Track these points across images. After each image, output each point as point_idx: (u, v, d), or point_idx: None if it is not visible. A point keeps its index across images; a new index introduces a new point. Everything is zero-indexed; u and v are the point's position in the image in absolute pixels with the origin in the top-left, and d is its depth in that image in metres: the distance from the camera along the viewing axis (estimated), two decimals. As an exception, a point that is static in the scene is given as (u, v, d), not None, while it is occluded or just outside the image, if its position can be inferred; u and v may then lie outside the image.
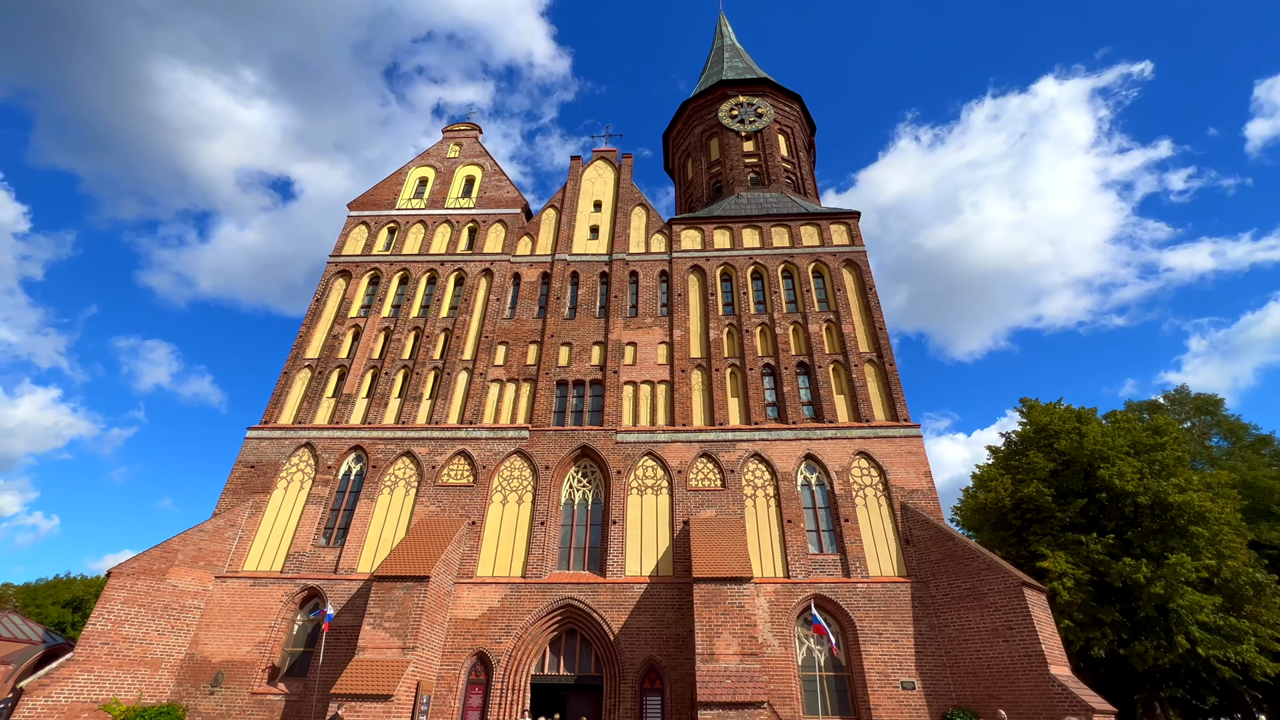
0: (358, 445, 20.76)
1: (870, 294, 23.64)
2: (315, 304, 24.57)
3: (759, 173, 29.82)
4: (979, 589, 16.05)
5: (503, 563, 18.32)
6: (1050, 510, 19.95)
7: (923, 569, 17.43)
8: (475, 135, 31.12)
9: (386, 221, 27.45)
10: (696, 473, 19.72)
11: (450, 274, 25.50)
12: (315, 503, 19.58)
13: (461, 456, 20.44)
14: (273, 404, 21.78)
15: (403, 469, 20.32)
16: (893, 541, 18.16)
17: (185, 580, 17.46)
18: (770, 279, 24.49)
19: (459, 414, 21.57)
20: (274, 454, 20.57)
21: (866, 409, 20.73)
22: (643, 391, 21.89)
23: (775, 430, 20.40)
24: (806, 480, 19.63)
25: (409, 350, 23.45)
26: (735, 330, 23.30)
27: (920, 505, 18.60)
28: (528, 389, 22.14)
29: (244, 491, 19.78)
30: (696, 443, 20.26)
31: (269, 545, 18.89)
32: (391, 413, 21.76)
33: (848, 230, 25.88)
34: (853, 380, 21.40)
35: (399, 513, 19.38)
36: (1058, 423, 21.75)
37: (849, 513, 18.68)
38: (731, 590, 15.19)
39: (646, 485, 19.62)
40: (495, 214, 27.42)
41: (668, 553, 18.16)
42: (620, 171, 28.74)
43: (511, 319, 24.15)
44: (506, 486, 19.84)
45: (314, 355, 23.27)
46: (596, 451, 20.23)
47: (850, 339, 22.41)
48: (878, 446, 19.87)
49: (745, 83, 32.74)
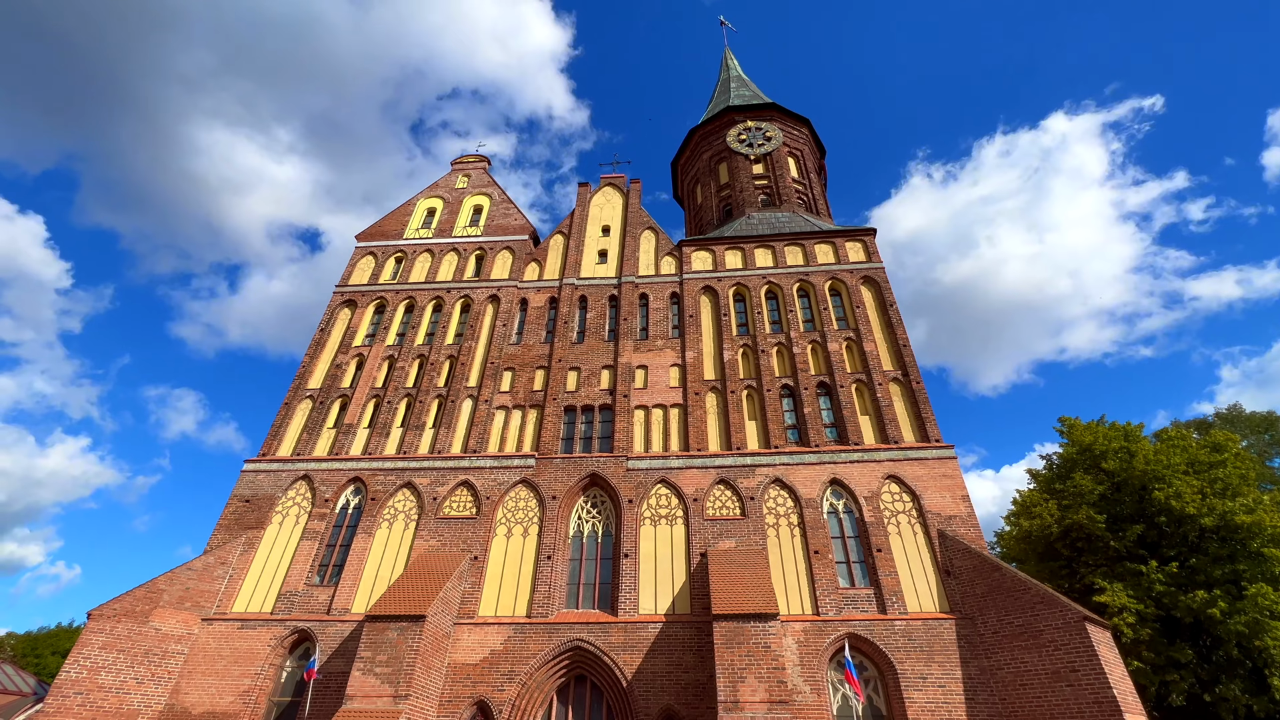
0: (357, 477, 19.80)
1: (891, 310, 22.56)
2: (319, 334, 24.09)
3: (769, 194, 29.29)
4: (1034, 625, 14.34)
5: (506, 601, 16.96)
6: (1103, 538, 18.18)
7: (967, 603, 15.75)
8: (483, 166, 31.18)
9: (394, 251, 27.20)
10: (713, 501, 18.39)
11: (456, 301, 24.97)
12: (310, 538, 18.52)
13: (464, 487, 19.34)
14: (271, 436, 21.02)
15: (403, 501, 19.25)
16: (931, 573, 16.54)
17: (169, 623, 16.34)
18: (785, 298, 23.56)
19: (463, 442, 20.59)
20: (270, 487, 19.67)
21: (894, 430, 19.39)
22: (655, 416, 20.79)
23: (797, 454, 19.08)
24: (833, 507, 18.18)
25: (413, 378, 22.70)
26: (750, 351, 22.26)
27: (959, 532, 17.02)
28: (534, 415, 21.15)
29: (237, 527, 18.81)
30: (713, 468, 19.00)
31: (260, 584, 17.77)
32: (393, 443, 20.85)
33: (864, 247, 25.02)
34: (877, 400, 20.13)
35: (397, 548, 18.22)
36: (1103, 442, 20.14)
37: (881, 542, 17.14)
38: (755, 629, 13.69)
39: (660, 515, 18.31)
40: (503, 241, 27.05)
41: (684, 588, 16.70)
42: (628, 196, 28.38)
43: (518, 344, 23.39)
44: (511, 518, 18.64)
45: (315, 386, 22.61)
46: (606, 480, 19.04)
47: (873, 356, 21.24)
48: (909, 469, 18.44)
49: (752, 108, 32.63)
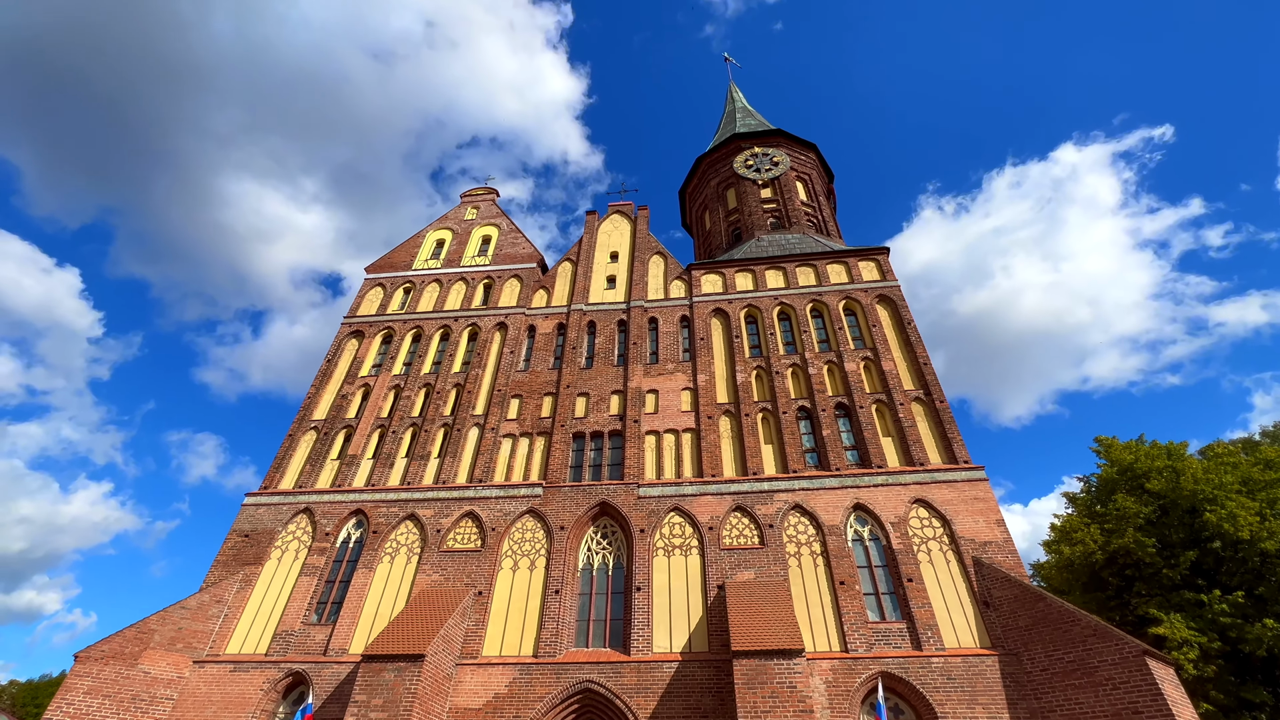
0: (359, 509, 19.12)
1: (910, 328, 21.80)
2: (326, 365, 23.83)
3: (779, 217, 29.02)
4: (1087, 661, 13.03)
5: (512, 639, 15.95)
6: (1155, 564, 16.81)
7: (1010, 638, 14.46)
8: (493, 198, 31.41)
9: (402, 282, 27.16)
10: (730, 529, 17.40)
11: (464, 329, 24.67)
12: (309, 574, 17.76)
13: (469, 518, 18.56)
14: (274, 469, 20.52)
15: (405, 534, 18.49)
16: (969, 604, 15.29)
17: (159, 665, 15.54)
18: (798, 318, 22.92)
19: (468, 472, 19.90)
20: (270, 521, 19.05)
21: (919, 451, 18.39)
22: (666, 441, 20.00)
23: (817, 478, 18.11)
24: (858, 534, 17.08)
25: (418, 408, 22.22)
26: (764, 373, 21.52)
27: (996, 560, 15.82)
28: (542, 443, 20.46)
29: (235, 563, 18.14)
30: (729, 495, 18.06)
31: (256, 623, 16.96)
32: (397, 474, 20.23)
33: (878, 266, 24.45)
34: (900, 420, 19.19)
35: (399, 583, 17.38)
36: (1145, 461, 18.89)
37: (911, 571, 15.96)
38: (779, 667, 12.57)
39: (674, 545, 17.32)
40: (511, 269, 26.92)
41: (701, 623, 15.59)
42: (636, 223, 28.26)
43: (526, 371, 22.90)
44: (517, 551, 17.76)
45: (320, 417, 22.21)
46: (617, 508, 18.16)
47: (892, 376, 20.39)
48: (937, 493, 17.36)
49: (758, 134, 32.75)
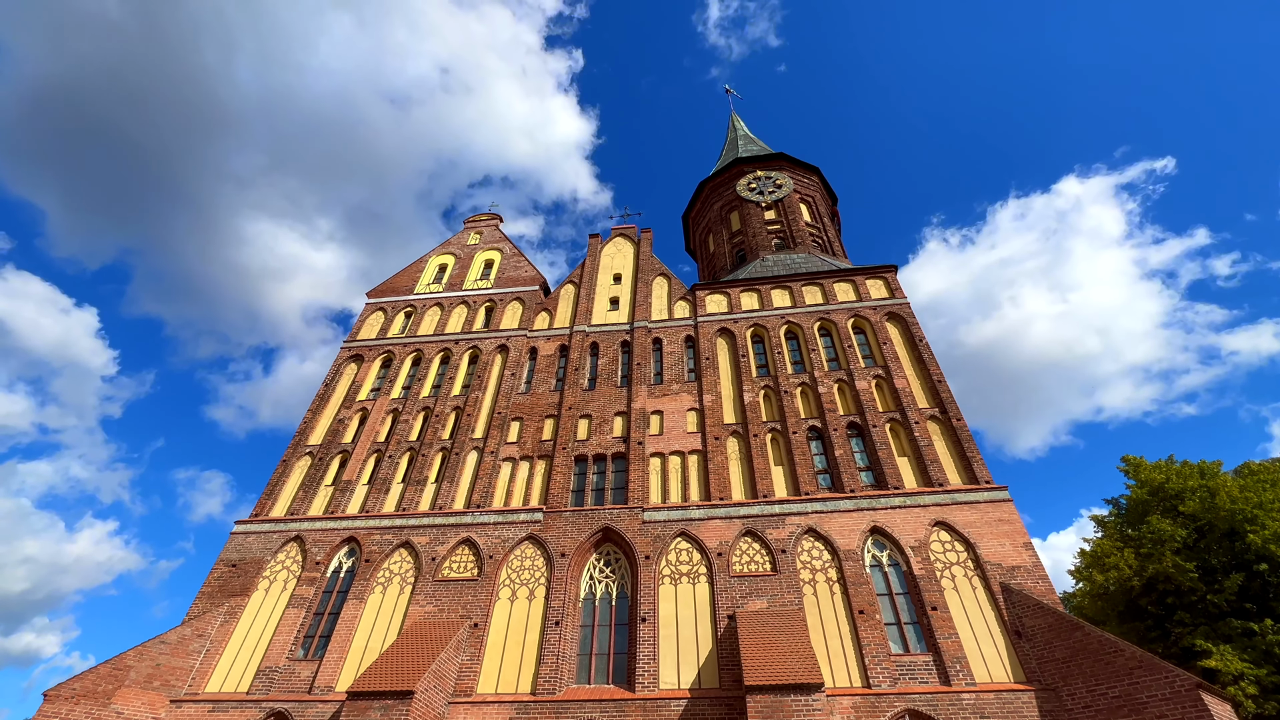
0: (351, 537, 18.32)
1: (921, 346, 21.15)
2: (324, 389, 23.34)
3: (783, 238, 28.76)
4: (1134, 697, 11.92)
5: (509, 675, 14.92)
6: (1197, 590, 15.69)
7: (1046, 671, 13.33)
8: (496, 224, 31.38)
9: (403, 306, 26.89)
10: (740, 555, 16.46)
11: (464, 352, 24.21)
12: (297, 605, 16.87)
13: (466, 545, 17.72)
14: (266, 495, 19.82)
15: (399, 563, 17.63)
16: (999, 635, 14.21)
17: (134, 705, 14.57)
18: (806, 337, 22.34)
19: (466, 497, 19.13)
20: (259, 550, 18.26)
21: (937, 472, 17.52)
22: (672, 463, 19.21)
23: (830, 500, 17.22)
24: (876, 559, 16.09)
25: (416, 431, 21.59)
26: (773, 392, 20.84)
27: (1025, 585, 14.78)
28: (543, 466, 19.72)
29: (220, 595, 17.29)
30: (738, 519, 17.17)
31: (239, 659, 16.01)
32: (392, 500, 19.47)
33: (886, 284, 23.96)
34: (915, 440, 18.37)
35: (390, 615, 16.44)
36: (1177, 480, 17.91)
37: (935, 599, 14.93)
38: (797, 703, 11.55)
39: (681, 573, 16.37)
40: (513, 292, 26.62)
41: (711, 656, 14.54)
42: (640, 245, 28.05)
43: (527, 393, 22.31)
44: (516, 579, 16.84)
45: (316, 442, 21.60)
46: (620, 534, 17.28)
47: (905, 394, 19.65)
48: (959, 515, 16.43)
49: (761, 159, 32.81)
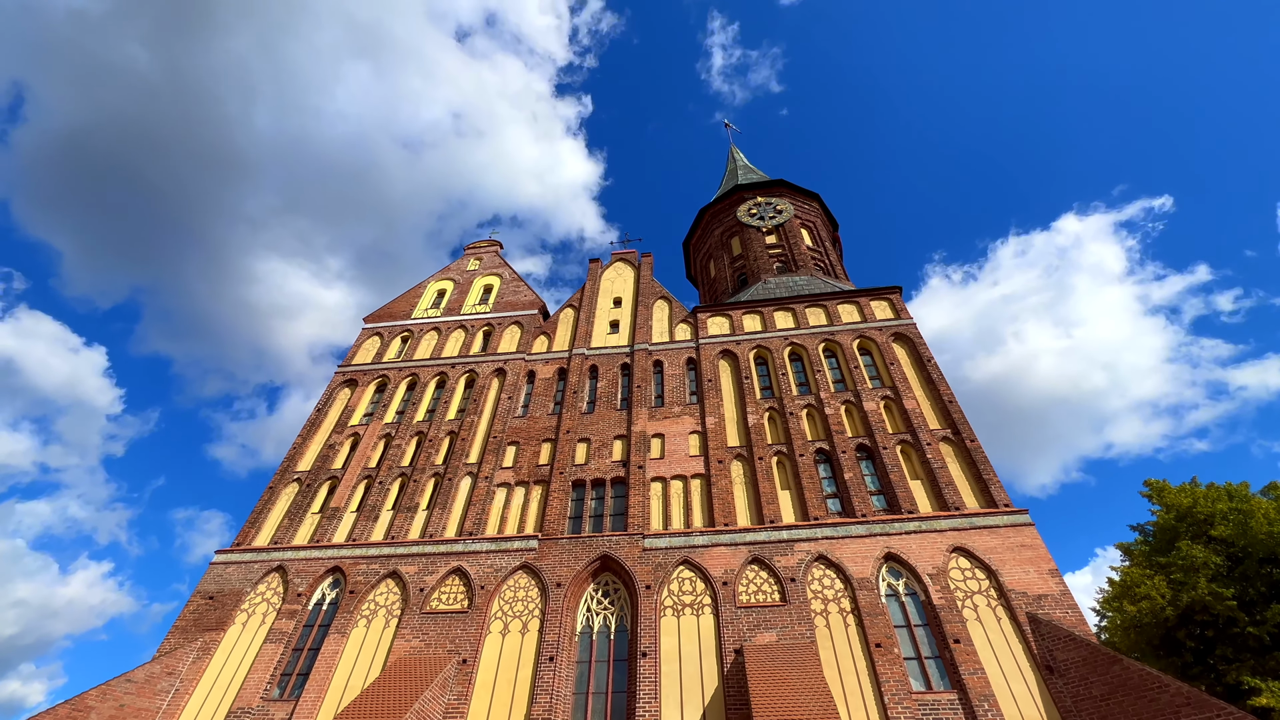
0: (336, 566, 17.38)
1: (930, 366, 20.53)
2: (315, 414, 22.71)
3: (785, 261, 28.49)
4: (1183, 738, 10.82)
5: (499, 716, 13.77)
6: (1239, 622, 14.61)
7: (1083, 710, 12.22)
8: (496, 250, 31.28)
9: (400, 331, 26.48)
10: (747, 584, 15.47)
11: (461, 376, 23.65)
12: (275, 640, 15.83)
13: (456, 575, 16.76)
14: (249, 524, 18.97)
15: (385, 594, 16.65)
16: (1028, 670, 13.12)
17: (92, 750, 13.46)
18: (811, 358, 21.75)
19: (458, 524, 18.25)
20: (239, 581, 17.32)
21: (953, 494, 16.66)
22: (674, 488, 18.37)
23: (841, 525, 16.32)
24: (892, 588, 15.10)
25: (409, 457, 20.83)
26: (778, 414, 20.13)
27: (1055, 616, 13.76)
28: (539, 492, 18.88)
29: (195, 629, 16.28)
30: (743, 545, 16.24)
31: (210, 699, 14.91)
32: (381, 527, 18.59)
33: (890, 305, 23.49)
34: (928, 462, 17.57)
35: (374, 650, 15.39)
36: (1205, 504, 16.99)
37: (958, 631, 13.89)
38: (812, 745, 10.50)
39: (684, 603, 15.37)
40: (511, 316, 26.23)
41: (717, 695, 13.43)
42: (640, 269, 27.78)
43: (524, 417, 21.62)
44: (508, 611, 15.83)
45: (305, 468, 20.87)
46: (620, 562, 16.33)
47: (916, 415, 18.93)
48: (978, 540, 15.49)
49: (761, 185, 32.87)
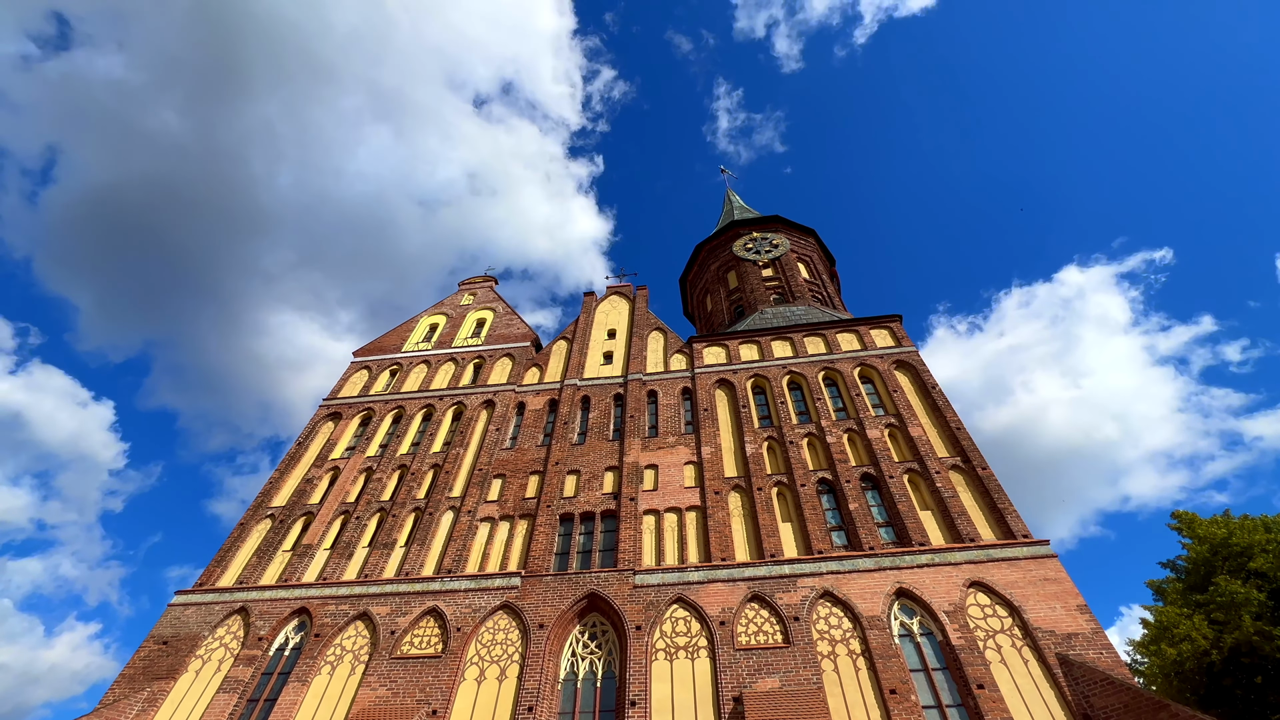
0: (303, 607, 16.08)
1: (935, 393, 19.68)
2: (295, 448, 21.77)
3: (782, 292, 28.10)
4: (1250, 797, 9.38)
5: (468, 776, 12.28)
6: (1292, 664, 13.17)
7: (1130, 766, 10.74)
8: (490, 285, 31.06)
9: (389, 364, 25.86)
10: (746, 624, 14.14)
11: (449, 408, 22.82)
12: (229, 690, 14.40)
13: (431, 616, 15.44)
14: (215, 563, 17.76)
15: (353, 638, 15.29)
16: (1063, 719, 11.67)
17: (10, 817, 11.92)
18: (811, 386, 20.94)
19: (437, 562, 17.03)
20: (197, 624, 16.00)
21: (966, 525, 15.49)
22: (667, 521, 17.22)
23: (848, 559, 15.09)
24: (905, 627, 13.74)
25: (390, 491, 19.77)
26: (777, 443, 19.15)
27: (1088, 657, 12.38)
28: (524, 527, 17.73)
29: (143, 678, 14.87)
30: (742, 581, 14.98)
31: (150, 758, 13.41)
32: (354, 566, 17.36)
33: (891, 333, 22.86)
34: (938, 491, 16.48)
35: (336, 700, 13.94)
36: (1242, 535, 15.75)
37: (981, 675, 12.48)
38: (820, 806, 9.09)
39: (677, 646, 14.00)
40: (503, 348, 25.64)
41: (713, 750, 11.95)
42: (635, 302, 27.35)
43: (512, 449, 20.66)
44: (485, 656, 14.44)
45: (280, 503, 19.76)
46: (608, 600, 15.03)
47: (923, 443, 17.94)
48: (997, 573, 14.24)
49: (757, 221, 32.93)
